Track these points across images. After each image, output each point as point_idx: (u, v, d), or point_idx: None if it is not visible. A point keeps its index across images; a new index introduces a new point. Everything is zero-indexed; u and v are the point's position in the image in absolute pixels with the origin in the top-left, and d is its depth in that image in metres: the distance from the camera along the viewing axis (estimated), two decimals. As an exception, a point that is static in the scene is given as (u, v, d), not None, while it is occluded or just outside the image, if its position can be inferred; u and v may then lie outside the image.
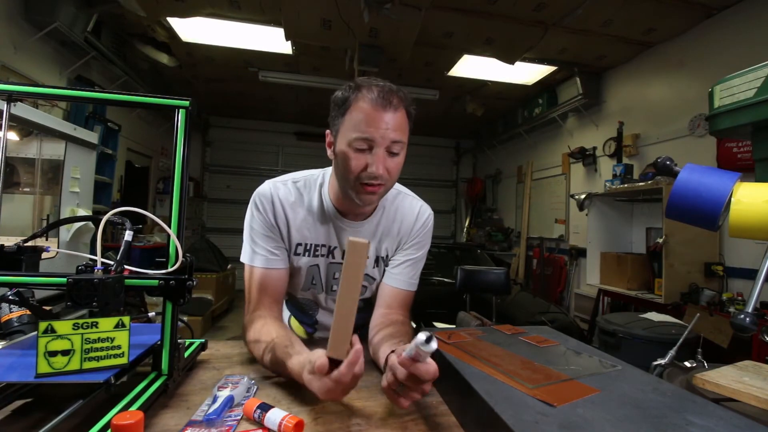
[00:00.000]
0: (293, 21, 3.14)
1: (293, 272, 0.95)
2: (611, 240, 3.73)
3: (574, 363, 0.70)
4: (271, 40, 3.62)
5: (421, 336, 0.52)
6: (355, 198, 0.84)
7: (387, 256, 0.98)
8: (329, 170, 0.95)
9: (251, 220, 0.91)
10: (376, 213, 0.95)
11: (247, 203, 0.92)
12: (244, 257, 0.91)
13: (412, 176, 7.10)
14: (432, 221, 1.02)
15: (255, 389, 0.71)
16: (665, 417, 0.50)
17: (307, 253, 0.93)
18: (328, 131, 0.87)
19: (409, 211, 0.99)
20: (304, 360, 0.65)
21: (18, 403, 0.61)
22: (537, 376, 0.61)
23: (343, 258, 0.84)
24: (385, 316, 0.93)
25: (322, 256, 0.94)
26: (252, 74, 4.41)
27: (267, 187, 0.92)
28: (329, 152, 0.87)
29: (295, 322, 1.11)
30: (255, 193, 0.93)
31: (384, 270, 0.99)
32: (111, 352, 0.59)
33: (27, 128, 2.47)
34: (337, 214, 0.92)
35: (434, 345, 0.52)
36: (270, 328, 0.81)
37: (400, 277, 0.97)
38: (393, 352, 0.66)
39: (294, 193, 0.93)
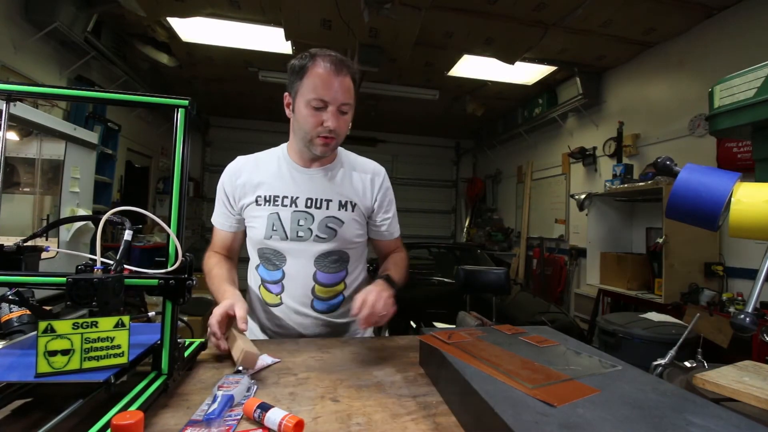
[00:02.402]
0: (293, 21, 3.14)
1: (255, 222, 1.09)
2: (611, 240, 3.73)
3: (574, 363, 0.70)
4: (271, 40, 3.61)
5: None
6: (313, 149, 1.03)
7: (354, 204, 1.12)
8: (288, 143, 1.16)
9: (218, 188, 1.14)
10: (335, 164, 1.13)
11: None
12: (212, 216, 1.17)
13: (413, 176, 7.05)
14: (387, 176, 1.20)
15: (255, 389, 0.71)
16: (665, 417, 0.50)
17: (267, 203, 1.08)
18: (286, 93, 1.04)
19: (366, 164, 1.18)
20: (228, 301, 0.93)
21: (18, 402, 0.61)
22: (537, 376, 0.61)
23: (306, 206, 1.08)
24: (385, 256, 1.23)
25: (285, 206, 1.08)
26: (252, 74, 4.41)
27: (233, 162, 1.14)
28: (288, 112, 1.05)
29: (264, 290, 1.14)
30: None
31: (349, 213, 1.13)
32: (111, 351, 0.59)
33: (27, 128, 2.47)
34: (297, 166, 1.10)
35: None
36: (222, 264, 1.12)
37: (386, 232, 1.20)
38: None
39: (253, 161, 1.13)
